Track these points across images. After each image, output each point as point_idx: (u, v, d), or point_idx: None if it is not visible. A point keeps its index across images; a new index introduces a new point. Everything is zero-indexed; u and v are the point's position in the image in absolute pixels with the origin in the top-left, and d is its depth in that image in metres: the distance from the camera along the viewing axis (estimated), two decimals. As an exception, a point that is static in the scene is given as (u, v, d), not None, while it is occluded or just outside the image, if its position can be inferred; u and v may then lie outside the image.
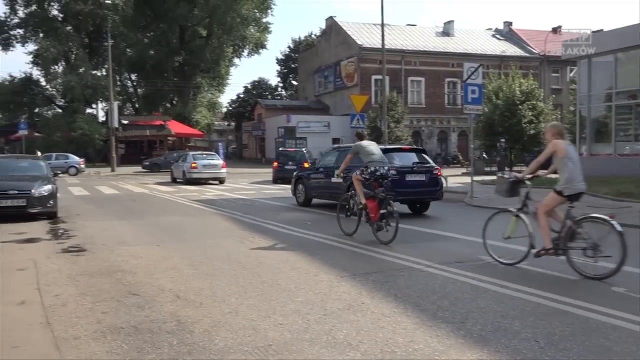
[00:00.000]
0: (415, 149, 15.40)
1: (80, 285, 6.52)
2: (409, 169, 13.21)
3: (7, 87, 50.19)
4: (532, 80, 34.75)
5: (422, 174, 13.25)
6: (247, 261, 7.80)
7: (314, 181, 15.32)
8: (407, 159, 13.61)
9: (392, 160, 12.92)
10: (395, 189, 12.03)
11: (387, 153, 12.73)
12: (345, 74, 49.06)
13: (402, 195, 12.81)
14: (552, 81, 52.23)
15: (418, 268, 7.24)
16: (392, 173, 10.46)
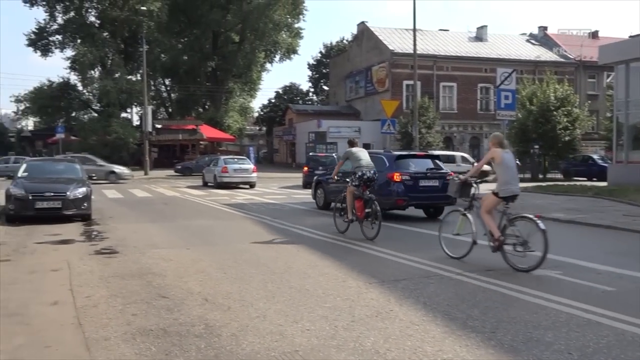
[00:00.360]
0: (429, 155, 15.68)
1: (111, 286, 6.62)
2: (423, 174, 13.44)
3: (45, 92, 51.42)
4: (567, 85, 34.15)
5: (436, 179, 13.42)
6: (275, 265, 7.81)
7: (333, 185, 15.33)
8: (421, 165, 13.88)
9: (407, 166, 13.49)
10: (408, 194, 12.99)
11: (402, 159, 13.83)
12: (377, 79, 48.93)
13: (415, 200, 13.29)
14: (588, 87, 51.20)
15: (447, 275, 7.14)
16: (405, 178, 12.25)
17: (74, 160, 16.73)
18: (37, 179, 13.76)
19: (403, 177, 13.14)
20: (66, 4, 49.19)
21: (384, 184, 13.33)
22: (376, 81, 49.02)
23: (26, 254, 8.81)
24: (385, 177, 13.30)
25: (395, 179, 13.14)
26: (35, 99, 52.48)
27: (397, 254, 8.62)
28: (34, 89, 53.65)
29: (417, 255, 8.48)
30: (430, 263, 7.89)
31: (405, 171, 13.32)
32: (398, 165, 13.58)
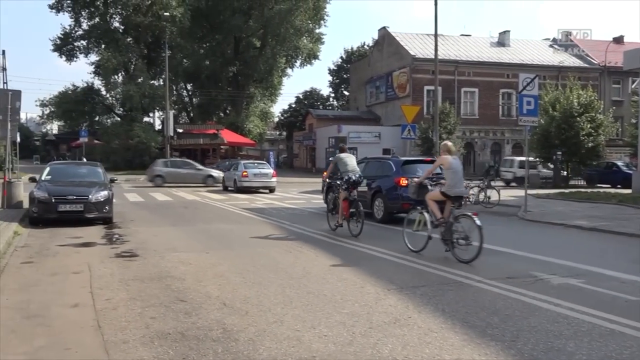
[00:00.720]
0: (435, 160, 15.55)
1: (131, 289, 6.67)
2: (428, 179, 13.33)
3: (70, 96, 52.25)
4: (591, 91, 33.66)
5: (441, 184, 13.30)
6: (294, 271, 7.81)
7: None
8: (425, 170, 13.90)
9: (414, 171, 13.77)
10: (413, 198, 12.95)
11: (408, 164, 14.38)
12: (397, 84, 48.81)
13: (421, 204, 13.03)
14: (613, 92, 50.47)
15: (467, 283, 7.07)
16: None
17: (96, 163, 16.93)
18: (60, 182, 13.94)
19: (409, 182, 13.15)
20: (91, 10, 50.01)
21: (391, 188, 13.90)
22: (397, 86, 48.90)
23: (48, 256, 8.93)
24: (392, 182, 13.86)
25: (401, 183, 13.58)
26: (60, 103, 53.31)
27: (416, 260, 8.56)
28: (59, 94, 54.51)
29: (436, 262, 8.40)
30: (449, 270, 7.82)
31: (411, 176, 13.62)
32: (404, 170, 14.00)
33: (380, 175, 14.68)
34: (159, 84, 53.70)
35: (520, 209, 16.75)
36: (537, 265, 8.28)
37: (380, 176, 14.63)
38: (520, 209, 16.74)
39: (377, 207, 14.43)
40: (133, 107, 47.56)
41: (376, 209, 14.35)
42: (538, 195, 22.22)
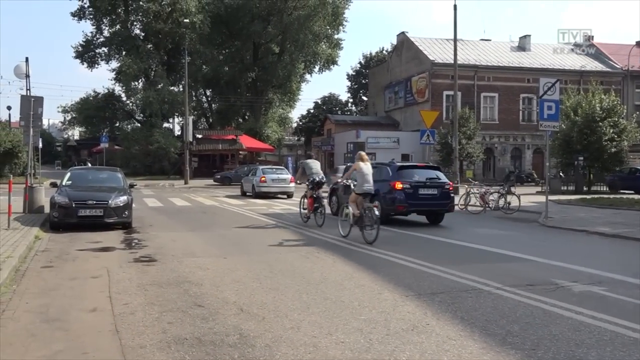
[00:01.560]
0: (431, 166, 17.19)
1: (149, 294, 6.71)
2: (422, 183, 14.94)
3: (91, 102, 52.99)
4: (614, 96, 33.17)
5: (435, 188, 14.93)
6: (311, 276, 7.80)
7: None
8: (422, 175, 15.35)
9: (409, 176, 15.00)
10: (408, 201, 14.60)
11: (404, 169, 15.42)
12: (416, 89, 48.67)
13: (415, 207, 14.91)
14: (636, 97, 49.75)
15: (487, 290, 6.99)
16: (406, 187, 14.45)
17: (116, 169, 17.11)
18: (80, 187, 14.10)
19: (404, 186, 14.67)
20: (112, 17, 50.69)
21: (387, 192, 14.83)
22: (416, 91, 48.75)
23: (68, 261, 9.02)
24: (388, 186, 14.81)
25: (396, 187, 14.67)
26: (81, 109, 54.11)
27: (435, 267, 8.49)
28: (80, 100, 55.36)
29: (456, 268, 8.33)
30: (468, 277, 7.74)
31: (406, 180, 14.84)
32: (400, 175, 15.04)
33: (377, 179, 15.14)
34: (178, 90, 54.15)
35: (541, 215, 16.55)
36: (558, 273, 8.16)
37: (378, 180, 15.08)
38: (541, 215, 16.54)
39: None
40: (153, 113, 48.03)
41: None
42: (559, 201, 21.95)
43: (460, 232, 13.43)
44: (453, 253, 10.40)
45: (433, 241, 11.94)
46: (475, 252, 10.40)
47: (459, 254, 10.32)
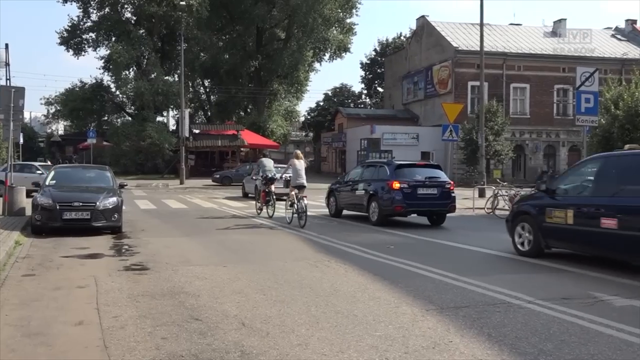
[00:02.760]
0: (430, 164, 18.15)
1: (141, 306, 6.74)
2: (421, 182, 15.77)
3: (77, 94, 53.15)
4: (660, 87, 32.90)
5: (434, 187, 15.76)
6: (321, 287, 7.80)
7: (343, 193, 18.21)
8: (422, 174, 16.17)
9: (407, 175, 15.83)
10: (406, 201, 15.38)
11: (402, 168, 16.15)
12: (438, 79, 48.58)
13: (413, 207, 15.70)
14: (685, 88, 49.34)
15: (517, 303, 6.97)
16: (404, 187, 15.40)
17: (105, 167, 17.20)
18: (65, 188, 14.18)
19: (402, 185, 15.50)
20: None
21: (385, 192, 15.73)
22: (437, 82, 48.67)
23: (51, 269, 9.08)
24: (386, 185, 15.70)
25: (394, 187, 15.50)
26: (67, 101, 54.32)
27: (459, 277, 8.47)
28: (65, 91, 55.57)
29: (482, 280, 8.31)
30: (496, 289, 7.71)
31: (404, 180, 15.66)
32: (398, 174, 15.86)
33: (375, 179, 16.57)
34: (173, 80, 54.30)
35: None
36: (596, 285, 8.12)
37: (375, 180, 16.51)
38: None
39: (373, 210, 16.19)
40: (145, 106, 48.22)
41: (371, 212, 16.21)
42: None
43: (487, 238, 13.39)
44: (479, 262, 10.37)
45: (456, 249, 11.91)
46: (504, 262, 10.36)
47: (486, 263, 10.28)
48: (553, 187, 10.39)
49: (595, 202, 9.30)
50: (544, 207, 10.31)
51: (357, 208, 17.40)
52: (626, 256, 9.07)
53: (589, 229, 9.27)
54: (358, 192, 17.11)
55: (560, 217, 9.85)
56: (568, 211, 9.68)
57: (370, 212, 16.25)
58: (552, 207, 10.10)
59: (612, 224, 8.74)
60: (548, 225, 10.15)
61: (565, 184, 10.51)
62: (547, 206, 10.23)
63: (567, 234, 9.88)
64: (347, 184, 18.27)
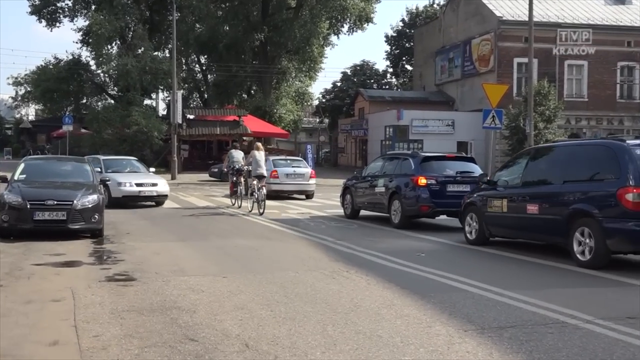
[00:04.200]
0: (463, 156, 18.43)
1: (126, 323, 6.76)
2: (452, 178, 15.94)
3: (51, 72, 53.29)
4: None
5: (467, 184, 15.60)
6: (339, 303, 7.80)
7: (360, 191, 18.40)
8: (452, 168, 16.40)
9: (435, 169, 16.07)
10: (434, 200, 15.45)
11: (429, 161, 16.35)
12: (478, 55, 48.35)
13: (441, 207, 15.65)
14: None
15: (572, 323, 6.94)
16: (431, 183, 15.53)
17: (83, 159, 17.32)
18: (37, 183, 14.28)
19: (428, 182, 15.57)
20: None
21: (409, 189, 15.83)
22: (477, 59, 48.44)
23: (21, 279, 9.14)
24: (410, 182, 15.82)
25: (419, 183, 15.55)
26: (38, 81, 54.55)
27: (503, 292, 8.45)
28: (37, 69, 55.79)
29: (531, 295, 8.27)
30: (548, 305, 7.68)
31: (431, 175, 15.76)
32: (424, 168, 15.97)
33: (398, 174, 16.69)
34: (163, 55, 54.41)
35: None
36: None
37: (398, 175, 16.64)
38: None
39: (395, 211, 16.30)
40: (131, 86, 48.30)
41: (393, 212, 16.33)
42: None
43: (535, 245, 13.28)
44: (526, 273, 10.32)
45: (498, 257, 11.87)
46: (557, 273, 10.30)
47: (535, 274, 10.23)
48: (495, 178, 13.33)
49: (523, 191, 12.08)
50: (486, 198, 13.01)
51: (377, 208, 17.57)
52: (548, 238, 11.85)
53: (519, 215, 12.01)
54: (378, 189, 17.21)
55: (497, 207, 12.57)
56: (504, 200, 12.44)
57: (391, 212, 16.38)
58: (493, 198, 12.80)
59: (534, 209, 11.57)
60: (490, 214, 12.77)
61: (504, 175, 13.19)
62: (489, 197, 12.94)
63: (503, 221, 12.58)
64: (365, 179, 18.39)
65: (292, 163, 27.92)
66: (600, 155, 10.97)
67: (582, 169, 11.16)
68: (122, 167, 23.06)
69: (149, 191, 21.09)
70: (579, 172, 11.16)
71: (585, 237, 10.34)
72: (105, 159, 24.04)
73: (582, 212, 10.53)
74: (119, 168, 22.78)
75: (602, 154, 10.93)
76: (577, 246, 10.52)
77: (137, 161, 24.82)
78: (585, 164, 11.14)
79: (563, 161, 11.69)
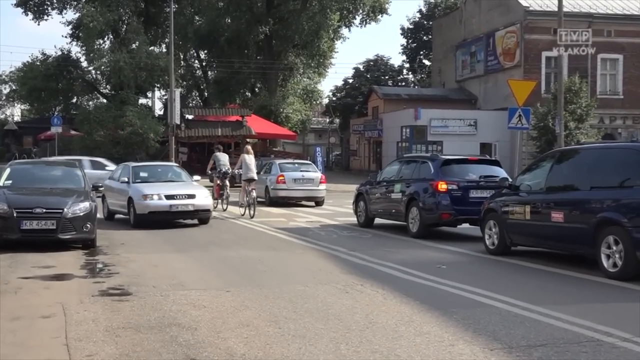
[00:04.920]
0: (486, 159, 18.55)
1: (122, 342, 6.78)
2: (474, 183, 15.91)
3: (38, 69, 53.35)
4: None
5: (491, 189, 15.32)
6: (352, 319, 7.80)
7: (374, 197, 18.36)
8: (475, 172, 16.32)
9: (457, 173, 16.02)
10: (455, 207, 15.39)
11: (450, 165, 16.35)
12: (502, 49, 48.27)
13: (463, 214, 15.58)
14: None
15: (608, 341, 6.91)
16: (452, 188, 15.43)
17: (74, 163, 17.35)
18: (24, 190, 14.35)
19: (449, 187, 15.52)
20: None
21: (428, 195, 15.83)
22: (502, 53, 48.37)
23: (7, 293, 9.17)
24: (429, 187, 15.79)
25: (439, 188, 15.49)
26: (25, 78, 54.65)
27: (532, 307, 8.43)
28: (23, 65, 55.94)
29: (562, 310, 8.25)
30: (581, 322, 7.66)
31: (452, 179, 15.75)
32: (445, 172, 15.96)
33: (416, 178, 16.70)
34: (160, 51, 54.53)
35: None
36: None
37: (416, 180, 16.64)
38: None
39: (412, 219, 16.25)
40: (124, 84, 48.40)
41: (411, 220, 16.33)
42: None
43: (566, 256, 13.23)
44: (554, 287, 10.29)
45: (526, 270, 11.84)
46: (586, 286, 10.32)
47: (563, 288, 10.21)
48: (517, 183, 13.43)
49: (548, 197, 12.15)
50: (507, 204, 13.12)
51: (393, 216, 17.54)
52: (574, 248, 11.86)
53: (543, 223, 12.08)
54: (394, 195, 17.19)
55: (519, 213, 12.65)
56: (526, 207, 12.48)
57: (409, 220, 16.39)
58: (515, 204, 12.89)
59: (559, 217, 11.61)
60: (511, 222, 12.84)
61: (527, 180, 13.29)
62: (510, 203, 13.04)
63: (525, 229, 12.63)
64: (381, 184, 18.37)
65: (301, 167, 27.95)
66: (630, 159, 10.97)
67: (610, 174, 11.16)
68: (158, 176, 20.06)
69: (182, 205, 17.77)
70: (608, 177, 11.16)
71: (614, 247, 10.36)
72: (136, 166, 20.49)
73: (610, 221, 10.53)
74: (153, 177, 19.81)
75: (632, 157, 10.93)
76: (606, 257, 10.55)
77: (178, 167, 22.68)
78: (614, 168, 11.14)
79: (590, 165, 11.68)
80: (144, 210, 17.56)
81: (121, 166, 21.59)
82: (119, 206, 19.26)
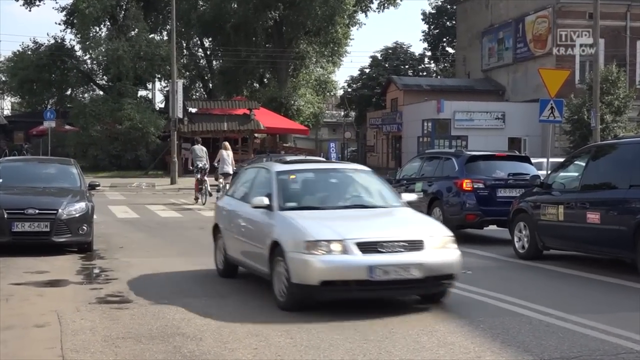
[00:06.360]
0: (515, 155, 18.51)
1: (121, 353, 6.82)
2: (502, 181, 15.85)
3: (29, 59, 53.43)
4: None
5: (521, 187, 15.26)
6: (370, 328, 7.81)
7: None
8: (503, 169, 16.29)
9: (483, 170, 15.95)
10: (481, 207, 15.32)
11: (475, 161, 16.25)
12: (533, 35, 48.11)
13: (490, 215, 15.49)
14: None
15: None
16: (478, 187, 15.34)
17: (69, 160, 17.38)
18: (15, 189, 14.34)
19: (475, 185, 15.46)
20: None
21: (452, 195, 15.83)
22: (532, 39, 48.20)
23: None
24: (453, 186, 15.77)
25: (464, 187, 15.44)
26: (15, 69, 54.77)
27: (565, 316, 8.41)
28: (14, 55, 56.06)
29: (599, 319, 8.23)
30: (619, 332, 7.64)
31: (478, 177, 15.65)
32: (470, 169, 15.85)
33: (439, 176, 16.71)
34: (161, 39, 54.55)
35: None
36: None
37: (439, 178, 16.66)
38: None
39: (435, 219, 15.31)
40: (123, 75, 48.39)
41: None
42: None
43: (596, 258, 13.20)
44: (590, 294, 10.25)
45: (559, 275, 11.82)
46: (625, 293, 10.26)
47: (600, 295, 10.18)
48: (549, 181, 13.30)
49: (583, 197, 12.18)
50: (539, 204, 13.07)
51: None
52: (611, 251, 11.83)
53: (578, 224, 12.00)
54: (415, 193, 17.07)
55: (552, 214, 12.58)
56: (559, 207, 12.44)
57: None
58: (547, 204, 12.84)
59: (595, 218, 11.49)
60: (543, 223, 12.74)
61: (560, 177, 13.25)
62: (542, 203, 12.99)
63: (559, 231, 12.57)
64: (400, 183, 18.19)
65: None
66: None
67: None
68: (330, 193, 10.92)
69: (397, 267, 8.48)
70: None
71: None
72: (283, 171, 11.00)
73: None
74: (317, 192, 11.01)
75: None
76: None
77: (365, 173, 11.35)
78: None
79: (629, 162, 11.54)
80: (309, 276, 8.54)
81: (249, 172, 12.58)
82: (247, 255, 10.50)
